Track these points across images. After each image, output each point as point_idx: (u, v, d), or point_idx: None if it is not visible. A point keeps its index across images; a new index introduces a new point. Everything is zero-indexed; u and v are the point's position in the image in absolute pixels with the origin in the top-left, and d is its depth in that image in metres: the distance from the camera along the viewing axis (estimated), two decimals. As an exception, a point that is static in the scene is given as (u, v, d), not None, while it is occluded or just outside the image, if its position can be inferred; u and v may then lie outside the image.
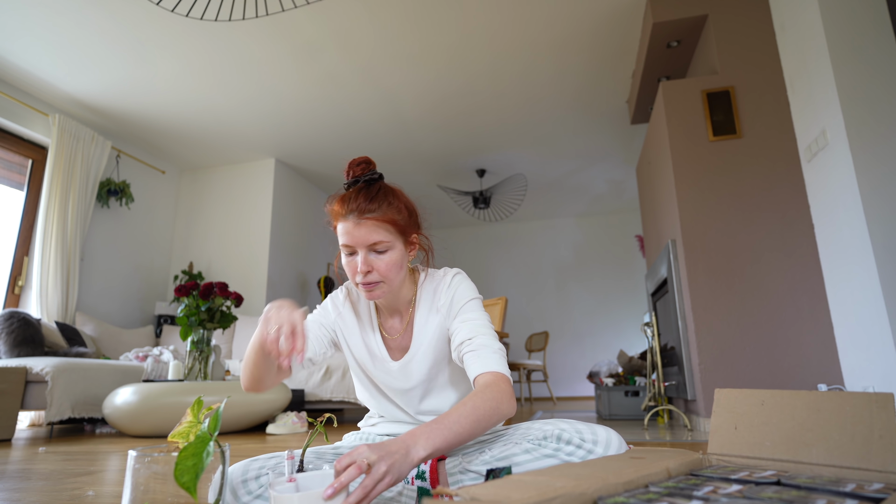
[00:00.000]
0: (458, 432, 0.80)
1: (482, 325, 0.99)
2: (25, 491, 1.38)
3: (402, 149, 5.20)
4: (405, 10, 3.27)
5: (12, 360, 3.07)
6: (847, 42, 2.30)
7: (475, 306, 1.02)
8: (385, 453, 0.71)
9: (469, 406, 0.84)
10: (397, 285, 1.01)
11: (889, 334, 2.02)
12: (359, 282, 0.97)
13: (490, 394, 0.87)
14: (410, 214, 1.01)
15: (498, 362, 0.93)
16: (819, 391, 0.68)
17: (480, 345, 0.95)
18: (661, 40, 3.29)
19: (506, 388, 0.89)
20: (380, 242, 0.95)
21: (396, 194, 1.00)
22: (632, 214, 7.17)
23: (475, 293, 1.05)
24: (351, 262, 0.97)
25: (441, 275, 1.08)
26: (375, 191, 0.97)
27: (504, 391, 0.88)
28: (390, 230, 0.96)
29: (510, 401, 0.88)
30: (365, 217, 0.94)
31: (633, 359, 3.90)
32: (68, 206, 4.15)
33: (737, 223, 2.75)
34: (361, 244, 0.95)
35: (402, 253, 0.99)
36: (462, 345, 0.97)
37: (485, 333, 0.97)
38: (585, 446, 0.86)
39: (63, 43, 3.48)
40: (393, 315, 1.09)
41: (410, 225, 1.01)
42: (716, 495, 0.48)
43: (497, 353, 0.95)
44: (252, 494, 0.83)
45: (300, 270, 5.75)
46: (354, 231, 0.94)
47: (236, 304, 3.23)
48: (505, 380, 0.91)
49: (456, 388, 1.09)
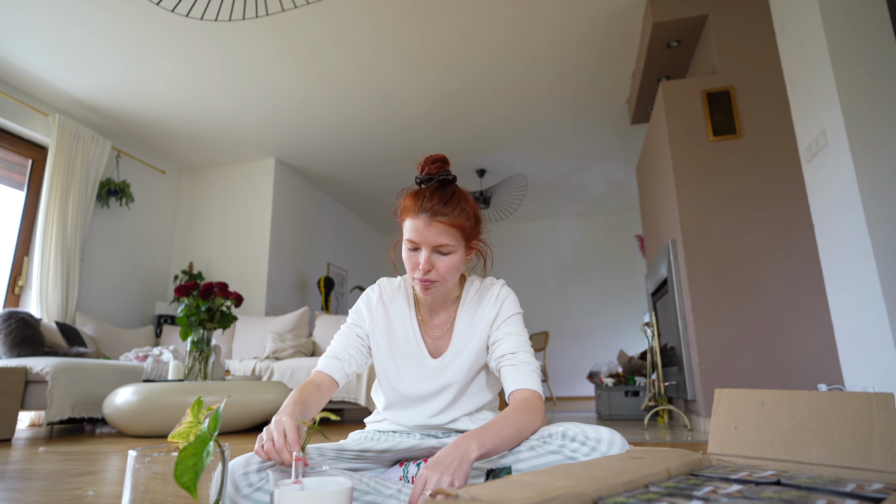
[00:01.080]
0: (503, 438, 0.85)
1: (524, 341, 1.04)
2: (25, 491, 1.38)
3: (402, 149, 5.20)
4: (405, 11, 3.27)
5: (12, 360, 3.07)
6: (847, 42, 2.30)
7: (518, 321, 1.07)
8: (445, 467, 0.74)
9: (510, 418, 0.90)
10: (450, 286, 1.06)
11: (889, 334, 2.02)
12: (417, 277, 1.00)
13: (527, 409, 0.93)
14: (476, 222, 1.05)
15: (535, 381, 0.99)
16: (819, 391, 0.68)
17: (521, 361, 1.00)
18: (661, 40, 3.29)
19: (540, 406, 0.96)
20: (445, 245, 0.98)
21: (468, 200, 1.03)
22: (632, 214, 7.17)
23: (519, 308, 1.09)
24: (413, 257, 1.00)
25: (488, 283, 1.12)
26: (450, 194, 0.99)
27: (539, 409, 0.95)
28: (457, 235, 0.99)
29: (543, 418, 0.95)
30: (437, 219, 0.96)
31: (633, 359, 3.90)
32: (68, 206, 4.15)
33: (737, 223, 2.75)
34: (428, 244, 0.98)
35: (462, 257, 1.03)
36: (504, 357, 1.02)
37: (526, 351, 1.02)
38: (589, 444, 0.88)
39: (63, 43, 3.48)
40: (434, 313, 1.12)
41: (474, 232, 1.05)
42: (716, 495, 0.48)
43: (535, 373, 1.00)
44: (253, 487, 0.83)
45: (300, 270, 5.75)
46: (424, 230, 0.97)
47: (236, 304, 3.23)
48: (540, 398, 0.97)
49: (481, 398, 1.11)
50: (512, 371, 1.00)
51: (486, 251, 1.13)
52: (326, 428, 3.34)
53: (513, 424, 0.88)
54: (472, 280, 1.14)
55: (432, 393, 1.07)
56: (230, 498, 0.82)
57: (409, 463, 1.00)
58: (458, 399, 1.08)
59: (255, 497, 0.82)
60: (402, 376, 1.09)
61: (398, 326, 1.11)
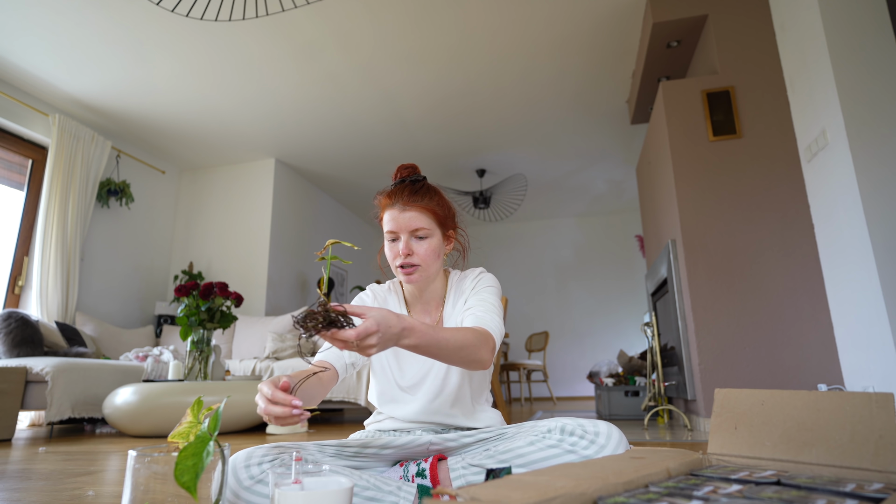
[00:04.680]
0: (439, 340, 0.86)
1: (492, 305, 1.07)
2: (25, 491, 1.38)
3: (402, 149, 5.20)
4: (405, 11, 3.27)
5: (12, 360, 3.07)
6: (847, 42, 2.30)
7: (492, 292, 1.11)
8: (384, 329, 0.78)
9: (460, 331, 0.91)
10: (433, 273, 1.11)
11: (889, 334, 2.02)
12: (398, 264, 1.07)
13: (476, 334, 0.94)
14: (450, 211, 1.14)
15: (493, 326, 1.01)
16: (819, 391, 0.68)
17: (482, 313, 1.04)
18: (661, 40, 3.29)
19: (489, 342, 0.96)
20: (421, 229, 1.06)
21: (440, 193, 1.13)
22: (632, 214, 7.17)
23: (496, 284, 1.15)
24: (393, 246, 1.08)
25: (468, 272, 1.19)
26: (419, 187, 1.10)
27: (488, 342, 0.96)
28: (431, 219, 1.07)
29: (490, 352, 0.95)
30: (409, 205, 1.06)
31: (633, 359, 3.90)
32: (68, 206, 4.15)
33: (737, 223, 2.75)
34: (405, 229, 1.06)
35: (440, 242, 1.10)
36: (467, 311, 1.07)
37: (491, 312, 1.05)
38: (588, 437, 0.89)
39: (63, 43, 3.48)
40: (425, 312, 1.17)
41: (449, 219, 1.13)
42: (716, 495, 0.48)
43: (494, 322, 1.02)
44: (254, 479, 0.83)
45: (300, 270, 5.75)
46: (399, 216, 1.06)
47: (236, 304, 3.23)
48: (491, 337, 0.98)
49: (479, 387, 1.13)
50: (470, 317, 1.04)
51: (464, 241, 1.20)
52: (325, 428, 3.34)
53: (457, 334, 0.89)
54: (454, 274, 1.20)
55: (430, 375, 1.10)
56: (232, 490, 0.82)
57: (409, 463, 1.00)
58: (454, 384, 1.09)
59: (257, 489, 0.82)
60: (405, 371, 1.12)
61: None
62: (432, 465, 0.95)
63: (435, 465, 0.95)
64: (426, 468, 0.95)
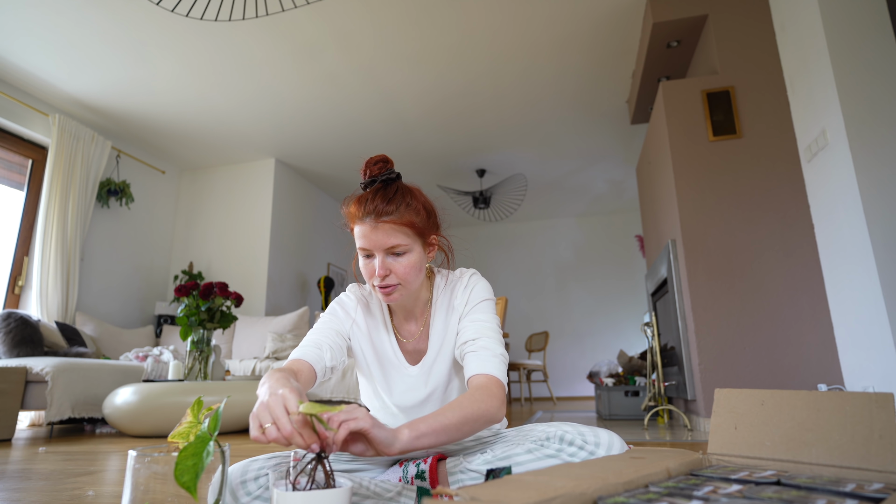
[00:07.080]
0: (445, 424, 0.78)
1: (490, 327, 0.97)
2: (25, 491, 1.38)
3: (403, 149, 5.20)
4: (405, 11, 3.27)
5: (12, 360, 3.06)
6: (847, 42, 2.30)
7: (487, 308, 1.01)
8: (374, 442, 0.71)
9: (456, 403, 0.82)
10: (415, 288, 0.99)
11: (889, 334, 2.02)
12: (376, 285, 0.95)
13: (478, 395, 0.85)
14: (429, 215, 0.99)
15: (496, 367, 0.91)
16: (819, 391, 0.68)
17: (482, 346, 0.94)
18: (661, 40, 3.29)
19: (497, 392, 0.87)
20: (398, 246, 0.92)
21: (414, 195, 0.97)
22: (632, 214, 7.17)
23: (490, 294, 1.04)
24: (368, 264, 0.95)
25: (458, 275, 1.06)
26: (393, 192, 0.94)
27: (493, 394, 0.86)
28: (408, 233, 0.93)
29: (500, 406, 0.86)
30: (382, 220, 0.91)
31: (633, 359, 3.90)
32: (68, 206, 4.15)
33: (737, 223, 2.75)
34: (379, 247, 0.92)
35: (421, 255, 0.97)
36: (466, 344, 0.96)
37: (490, 336, 0.95)
38: (588, 448, 0.86)
39: (63, 43, 3.48)
40: (408, 318, 1.07)
41: (429, 226, 0.98)
42: (716, 495, 0.48)
43: (497, 358, 0.93)
44: (251, 496, 0.82)
45: (300, 270, 5.75)
46: (371, 234, 0.92)
47: (236, 304, 3.23)
48: (498, 384, 0.89)
49: None
50: (472, 357, 0.93)
51: (447, 245, 1.06)
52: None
53: (457, 410, 0.80)
54: (440, 277, 1.07)
55: (420, 402, 1.04)
56: None
57: (408, 463, 0.99)
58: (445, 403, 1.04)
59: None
60: (392, 387, 1.06)
61: (375, 335, 1.07)
62: (432, 466, 0.94)
63: (434, 465, 0.95)
64: (426, 470, 0.94)
